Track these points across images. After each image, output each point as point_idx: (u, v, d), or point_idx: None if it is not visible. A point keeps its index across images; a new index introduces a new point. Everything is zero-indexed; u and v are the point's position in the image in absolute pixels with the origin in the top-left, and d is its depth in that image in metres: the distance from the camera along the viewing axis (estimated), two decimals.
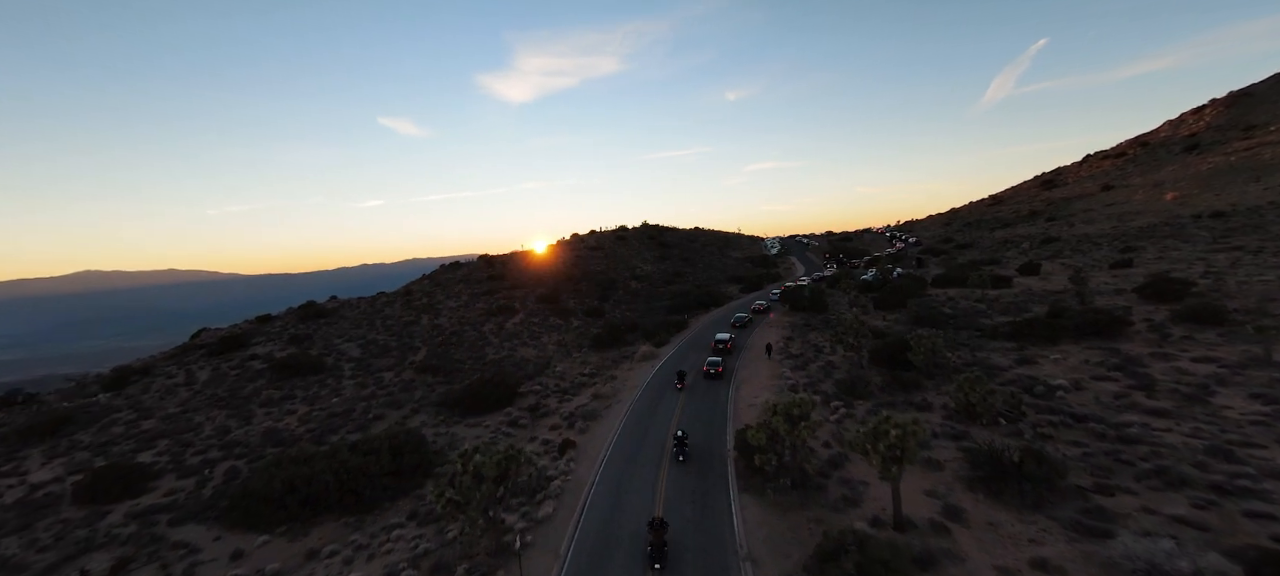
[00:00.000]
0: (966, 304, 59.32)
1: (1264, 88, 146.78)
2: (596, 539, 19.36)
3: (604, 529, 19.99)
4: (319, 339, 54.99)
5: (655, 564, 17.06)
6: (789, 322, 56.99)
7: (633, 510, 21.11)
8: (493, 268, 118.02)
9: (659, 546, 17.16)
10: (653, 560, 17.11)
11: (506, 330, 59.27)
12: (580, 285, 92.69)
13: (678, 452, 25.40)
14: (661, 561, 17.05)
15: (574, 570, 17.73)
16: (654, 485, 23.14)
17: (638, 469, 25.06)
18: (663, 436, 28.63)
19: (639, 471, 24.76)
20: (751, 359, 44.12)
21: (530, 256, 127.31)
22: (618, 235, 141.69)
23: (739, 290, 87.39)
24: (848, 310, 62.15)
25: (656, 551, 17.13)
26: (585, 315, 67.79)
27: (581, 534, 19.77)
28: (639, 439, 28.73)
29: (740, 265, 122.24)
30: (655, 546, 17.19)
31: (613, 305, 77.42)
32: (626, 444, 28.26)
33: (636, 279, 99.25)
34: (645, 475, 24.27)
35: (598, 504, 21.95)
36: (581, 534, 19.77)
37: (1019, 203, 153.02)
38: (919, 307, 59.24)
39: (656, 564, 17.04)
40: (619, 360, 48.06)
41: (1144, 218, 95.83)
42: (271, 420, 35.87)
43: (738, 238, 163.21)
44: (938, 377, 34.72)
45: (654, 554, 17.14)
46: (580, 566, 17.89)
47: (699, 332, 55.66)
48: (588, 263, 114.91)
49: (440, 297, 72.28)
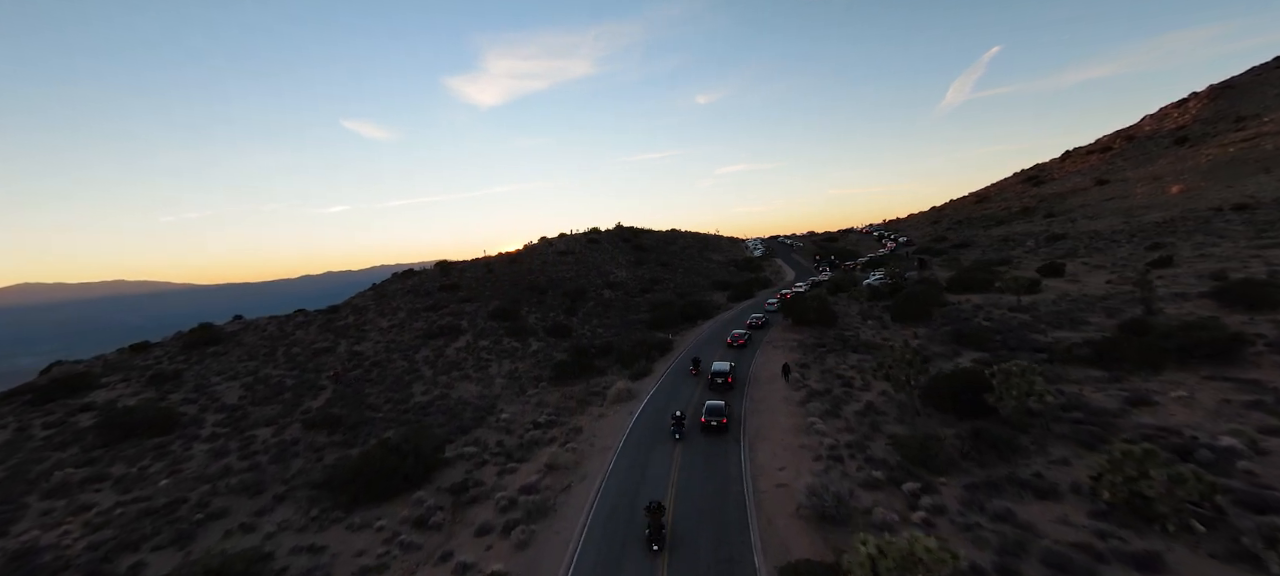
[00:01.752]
0: (1000, 313, 50.06)
1: (1245, 80, 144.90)
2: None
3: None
4: (191, 378, 41.98)
5: (654, 546, 17.41)
6: (797, 342, 46.58)
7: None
8: (449, 276, 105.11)
9: (657, 529, 17.46)
10: (651, 542, 17.45)
11: (446, 358, 47.20)
12: (545, 296, 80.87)
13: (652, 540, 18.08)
14: (660, 543, 17.42)
15: None
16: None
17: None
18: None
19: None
20: (762, 397, 33.40)
21: (493, 263, 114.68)
22: (589, 238, 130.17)
23: (727, 298, 77.01)
24: (862, 322, 52.27)
25: (655, 534, 17.47)
26: (548, 333, 56.21)
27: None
28: (613, 561, 17.58)
29: (723, 269, 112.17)
30: (654, 528, 17.47)
31: (582, 320, 66.00)
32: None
33: (610, 287, 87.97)
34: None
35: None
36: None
37: (1006, 199, 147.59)
38: (945, 318, 49.72)
39: (655, 546, 17.39)
40: (587, 399, 36.78)
41: (1155, 212, 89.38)
42: (42, 526, 23.30)
43: (717, 239, 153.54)
44: (1035, 430, 24.57)
45: (652, 535, 17.47)
46: None
47: (687, 357, 44.71)
48: (556, 269, 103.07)
49: (372, 316, 59.58)
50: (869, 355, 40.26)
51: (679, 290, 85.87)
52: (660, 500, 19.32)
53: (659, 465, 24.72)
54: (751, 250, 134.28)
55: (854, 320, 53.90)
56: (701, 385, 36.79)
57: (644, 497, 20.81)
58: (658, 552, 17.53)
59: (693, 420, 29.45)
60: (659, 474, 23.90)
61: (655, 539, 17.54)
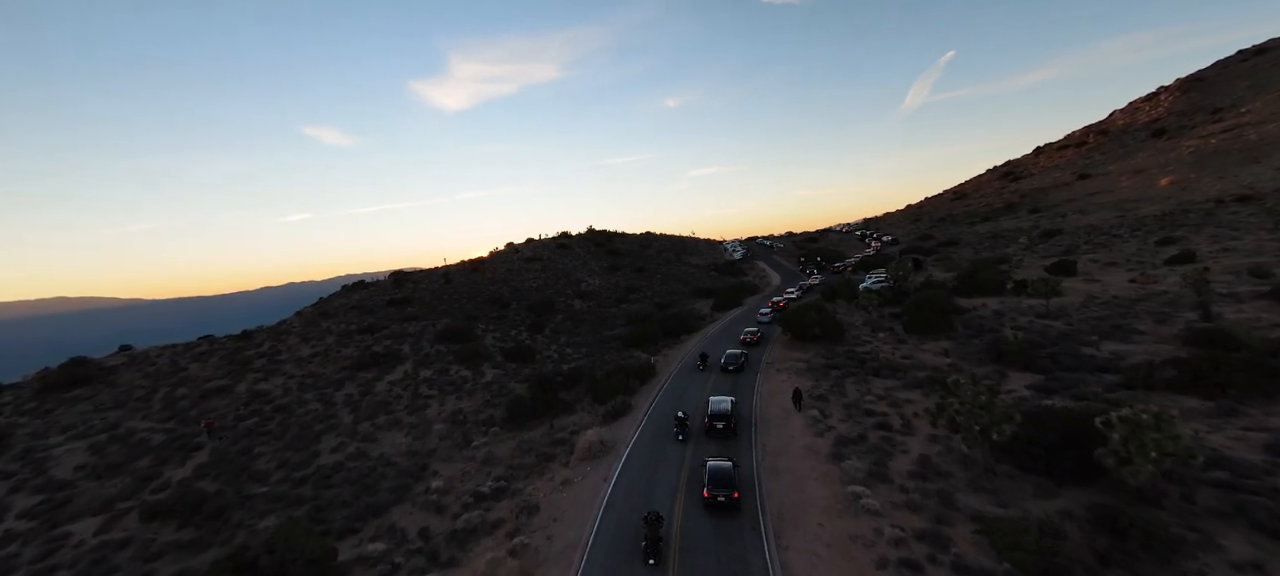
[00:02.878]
0: (1027, 320, 43.67)
1: (1213, 73, 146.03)
2: None
3: None
4: (24, 437, 31.69)
5: (650, 560, 16.91)
6: (803, 363, 39.05)
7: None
8: (402, 288, 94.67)
9: (654, 541, 16.97)
10: (648, 557, 16.97)
11: (375, 396, 37.98)
12: (508, 309, 71.81)
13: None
14: (657, 558, 16.93)
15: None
16: None
17: None
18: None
19: None
20: (778, 447, 25.54)
21: (453, 272, 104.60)
22: (559, 243, 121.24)
23: (711, 307, 69.39)
24: (872, 335, 45.20)
25: (651, 547, 16.98)
26: (507, 357, 47.42)
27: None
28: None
29: (704, 274, 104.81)
30: (650, 541, 16.98)
31: (549, 337, 57.33)
32: None
33: (582, 297, 79.42)
34: None
35: None
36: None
37: (986, 196, 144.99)
38: (968, 329, 43.03)
39: (651, 560, 16.91)
40: (549, 451, 28.37)
41: (1149, 205, 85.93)
42: None
43: (695, 242, 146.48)
44: (1170, 502, 17.38)
45: (649, 549, 17.00)
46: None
47: (674, 387, 36.68)
48: (521, 278, 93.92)
49: (294, 342, 49.61)
50: (895, 379, 32.97)
51: (658, 299, 77.98)
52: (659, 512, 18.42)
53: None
54: (731, 253, 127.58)
55: (861, 332, 46.85)
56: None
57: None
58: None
59: (691, 493, 21.42)
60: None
61: (652, 553, 17.06)
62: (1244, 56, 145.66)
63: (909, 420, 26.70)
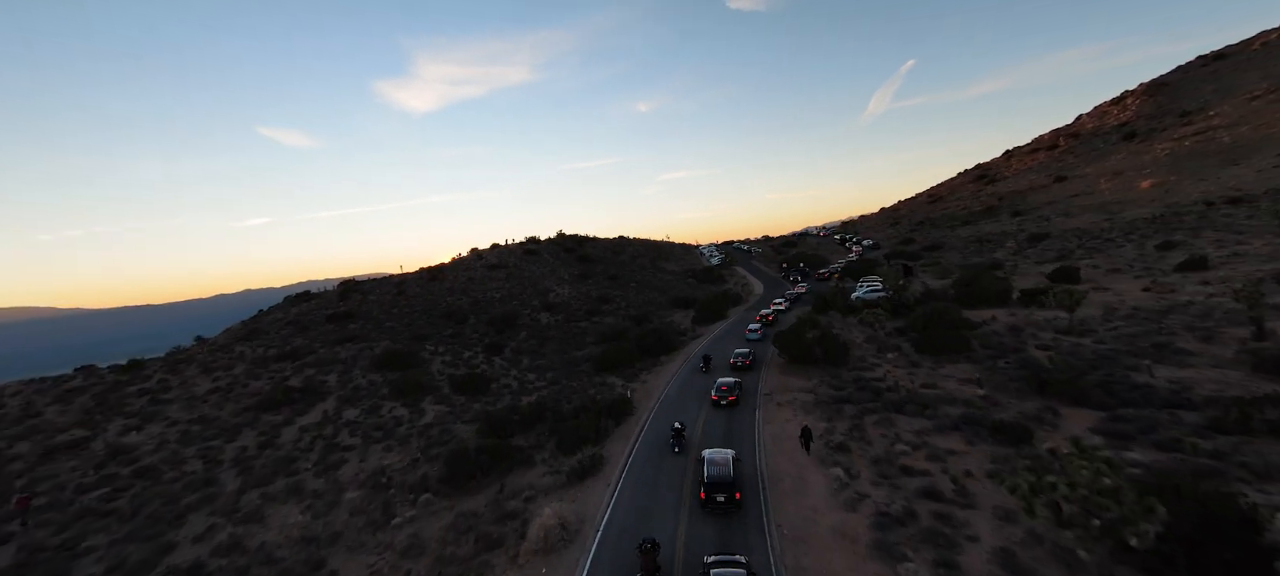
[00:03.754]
0: (1049, 336, 38.73)
1: (1175, 77, 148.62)
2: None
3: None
4: None
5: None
6: (807, 393, 32.91)
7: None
8: (349, 299, 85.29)
9: (650, 572, 16.14)
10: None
11: (278, 449, 30.02)
12: (465, 325, 63.95)
13: None
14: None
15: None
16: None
17: None
18: None
19: None
20: (799, 527, 19.09)
21: (408, 281, 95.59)
22: (526, 249, 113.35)
23: (691, 320, 63.02)
24: (879, 355, 39.50)
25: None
26: (456, 387, 39.90)
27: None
28: None
29: (681, 281, 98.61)
30: (647, 572, 16.17)
31: (509, 359, 49.92)
32: None
33: (549, 309, 72.06)
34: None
35: None
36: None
37: (962, 198, 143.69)
38: (989, 349, 37.76)
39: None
40: (494, 534, 21.26)
41: (1135, 208, 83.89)
42: None
43: (670, 247, 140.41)
44: None
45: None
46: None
47: (657, 430, 30.06)
48: (484, 287, 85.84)
49: (193, 372, 40.92)
50: (925, 419, 27.06)
51: (633, 310, 71.28)
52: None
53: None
54: (708, 258, 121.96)
55: (865, 352, 41.16)
56: (692, 470, 22.76)
57: None
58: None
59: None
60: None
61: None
62: (1204, 61, 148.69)
63: (962, 483, 20.66)
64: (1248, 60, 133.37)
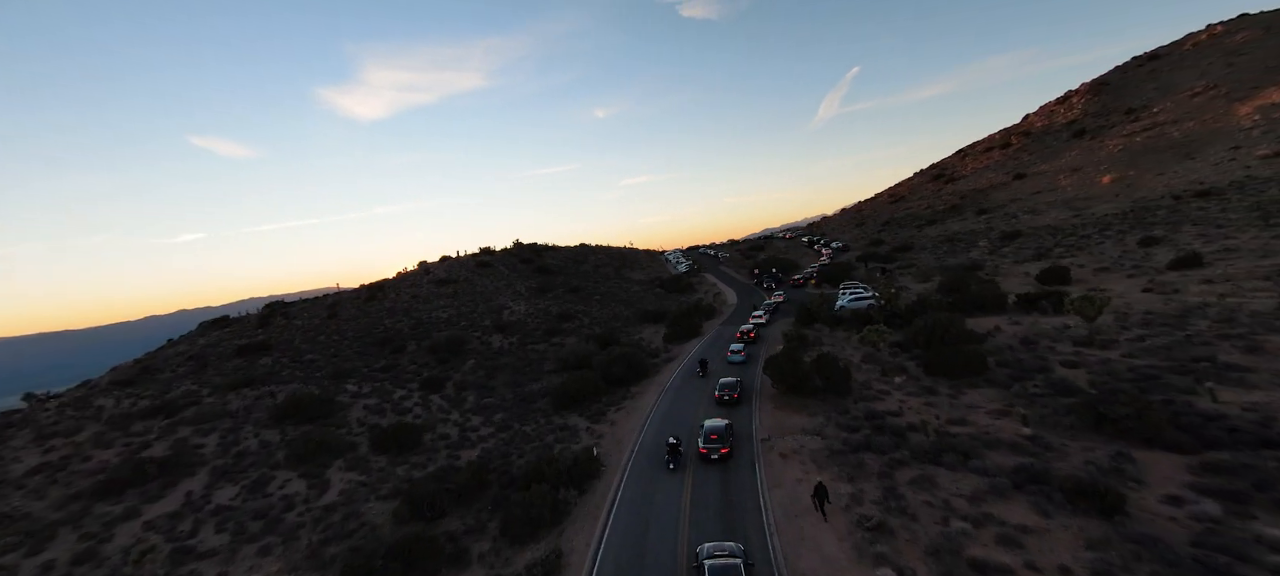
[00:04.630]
0: (1070, 349, 34.32)
1: (1115, 77, 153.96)
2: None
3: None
4: None
5: None
6: (812, 435, 26.89)
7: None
8: (270, 326, 74.58)
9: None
10: None
11: (99, 562, 21.42)
12: (403, 354, 55.36)
13: None
14: None
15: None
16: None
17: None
18: None
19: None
20: None
21: (342, 301, 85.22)
22: (480, 261, 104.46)
23: (663, 339, 56.56)
24: (884, 379, 34.04)
25: None
26: (378, 444, 31.86)
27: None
28: None
29: (648, 292, 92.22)
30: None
31: (451, 397, 42.05)
32: None
33: (502, 329, 64.07)
34: None
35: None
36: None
37: (924, 198, 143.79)
38: (1010, 369, 32.92)
39: None
40: None
41: (1102, 204, 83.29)
42: None
43: (635, 254, 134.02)
44: None
45: None
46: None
47: (633, 503, 23.34)
48: (430, 306, 76.86)
49: (21, 442, 31.17)
50: (971, 472, 21.39)
51: (597, 328, 64.28)
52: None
53: None
54: (675, 265, 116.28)
55: (868, 374, 35.72)
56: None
57: None
58: None
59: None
60: None
61: None
62: (1140, 61, 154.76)
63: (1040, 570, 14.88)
64: (1181, 60, 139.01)
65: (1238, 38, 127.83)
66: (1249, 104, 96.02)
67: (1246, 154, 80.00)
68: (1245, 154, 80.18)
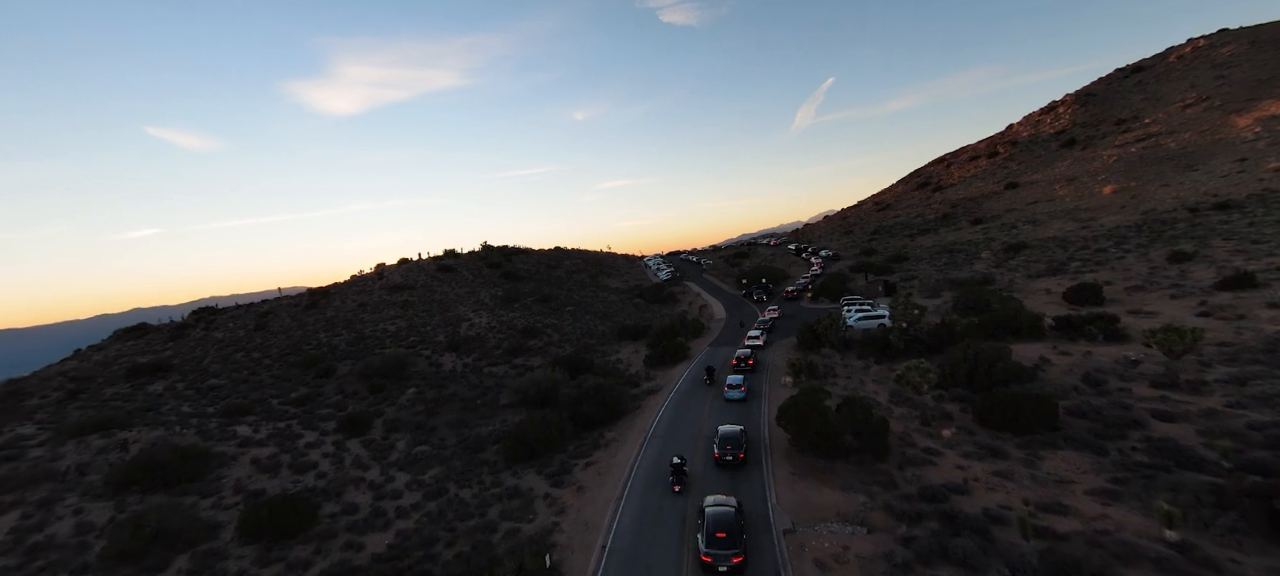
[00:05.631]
0: (1156, 394, 27.60)
1: (1100, 88, 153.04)
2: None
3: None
4: None
5: None
6: (858, 527, 19.16)
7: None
8: (183, 338, 63.83)
9: None
10: None
11: None
12: (329, 378, 46.02)
13: None
14: None
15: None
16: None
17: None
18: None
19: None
20: None
21: (275, 311, 74.73)
22: (441, 265, 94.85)
23: (644, 362, 48.52)
24: (924, 431, 26.67)
25: None
26: (249, 527, 22.82)
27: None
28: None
29: (627, 302, 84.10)
30: None
31: (378, 443, 33.18)
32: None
33: (457, 347, 55.08)
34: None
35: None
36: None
37: (913, 205, 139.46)
38: (1089, 419, 25.93)
39: None
40: None
41: (1109, 215, 78.61)
42: None
43: (613, 259, 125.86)
44: None
45: None
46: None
47: None
48: (377, 317, 67.20)
49: None
50: None
51: (568, 347, 55.89)
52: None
53: None
54: (655, 272, 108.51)
55: (903, 420, 28.34)
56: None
57: None
58: None
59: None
60: None
61: None
62: (1125, 73, 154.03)
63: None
64: (1166, 72, 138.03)
65: (1224, 50, 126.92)
66: (1247, 116, 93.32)
67: (1255, 166, 76.38)
68: (1254, 166, 76.56)
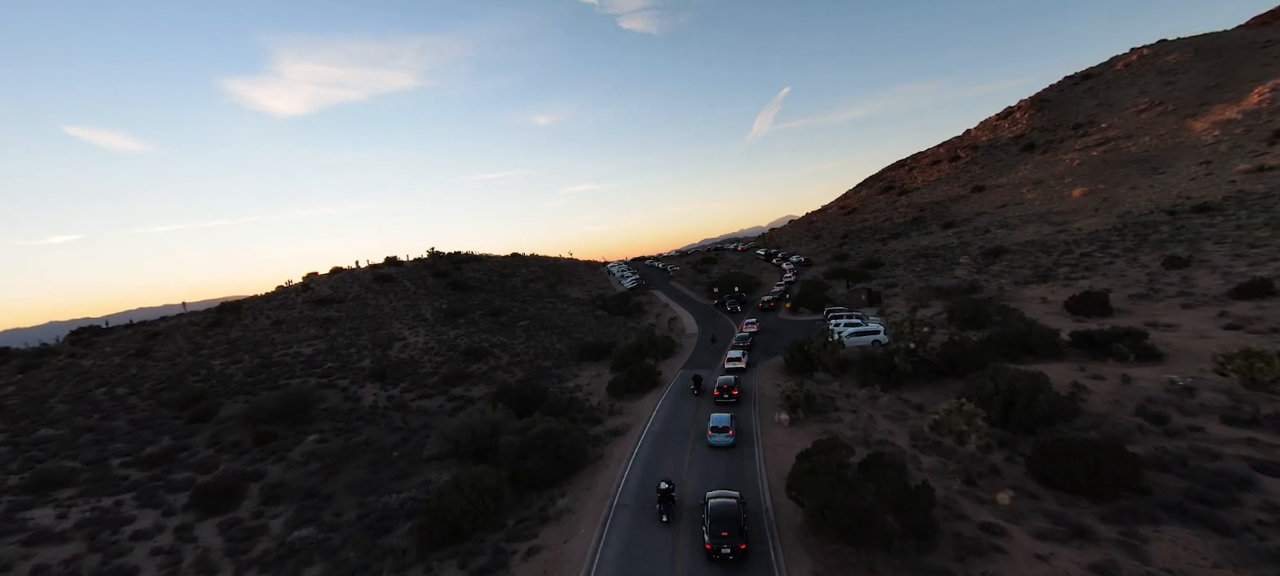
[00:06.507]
0: (1221, 426, 22.44)
1: (1053, 94, 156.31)
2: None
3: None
4: None
5: None
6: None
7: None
8: (41, 365, 52.01)
9: None
10: None
11: None
12: (207, 422, 36.37)
13: None
14: None
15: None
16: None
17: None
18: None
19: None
20: None
21: (175, 328, 63.21)
22: (379, 274, 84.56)
23: (608, 391, 41.08)
24: (973, 490, 20.48)
25: None
26: None
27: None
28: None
29: (588, 316, 76.41)
30: None
31: (245, 518, 24.47)
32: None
33: (381, 376, 46.10)
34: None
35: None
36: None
37: (879, 209, 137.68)
38: (1163, 466, 20.38)
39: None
40: None
41: (1083, 218, 76.76)
42: None
43: (573, 266, 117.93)
44: None
45: None
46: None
47: None
48: (292, 336, 56.99)
49: None
50: None
51: (519, 371, 47.86)
52: None
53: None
54: (619, 280, 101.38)
55: (939, 478, 22.12)
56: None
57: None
58: None
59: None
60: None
61: None
62: (1074, 81, 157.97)
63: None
64: (1115, 79, 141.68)
65: (1169, 58, 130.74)
66: (1203, 120, 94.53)
67: (1222, 168, 76.13)
68: (1220, 168, 76.31)
